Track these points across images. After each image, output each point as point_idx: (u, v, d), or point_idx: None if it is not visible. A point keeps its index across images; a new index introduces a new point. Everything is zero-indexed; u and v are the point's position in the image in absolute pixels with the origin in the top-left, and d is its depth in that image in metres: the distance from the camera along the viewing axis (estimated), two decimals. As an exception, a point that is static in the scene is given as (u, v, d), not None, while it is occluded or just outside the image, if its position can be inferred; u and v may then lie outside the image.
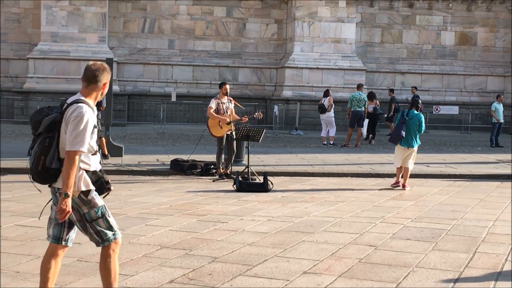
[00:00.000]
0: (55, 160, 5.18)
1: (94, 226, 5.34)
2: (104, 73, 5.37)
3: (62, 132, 5.20)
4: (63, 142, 5.18)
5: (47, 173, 5.21)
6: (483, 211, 11.43)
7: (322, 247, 8.35)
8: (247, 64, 31.57)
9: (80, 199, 5.27)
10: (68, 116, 5.16)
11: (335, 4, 30.29)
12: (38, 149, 5.18)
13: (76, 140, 5.07)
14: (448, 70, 32.85)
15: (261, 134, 14.53)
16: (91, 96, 5.34)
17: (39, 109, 5.36)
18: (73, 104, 5.20)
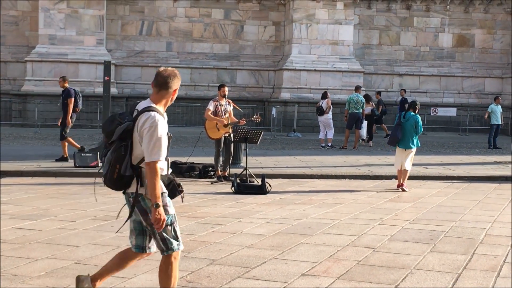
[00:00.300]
0: (129, 168, 5.24)
1: (161, 233, 5.38)
2: (175, 79, 5.45)
3: (135, 140, 5.25)
4: (136, 150, 5.25)
5: (122, 180, 5.27)
6: (481, 213, 11.43)
7: (320, 249, 8.35)
8: (245, 66, 31.58)
9: (151, 203, 5.29)
10: (140, 125, 5.21)
11: (332, 6, 30.32)
12: (113, 157, 5.24)
13: (154, 150, 5.14)
14: (446, 72, 32.88)
15: (259, 136, 14.53)
16: (161, 103, 5.41)
17: (111, 117, 5.42)
18: (144, 112, 5.25)
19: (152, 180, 5.14)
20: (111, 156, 5.25)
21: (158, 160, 5.15)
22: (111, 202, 11.64)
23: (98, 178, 5.62)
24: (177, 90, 5.47)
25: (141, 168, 5.28)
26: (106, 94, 17.66)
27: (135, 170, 5.26)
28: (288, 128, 28.83)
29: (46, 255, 7.68)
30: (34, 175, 14.87)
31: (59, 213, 10.41)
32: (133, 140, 5.25)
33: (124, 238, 8.64)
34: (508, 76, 32.50)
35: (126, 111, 5.57)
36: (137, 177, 5.27)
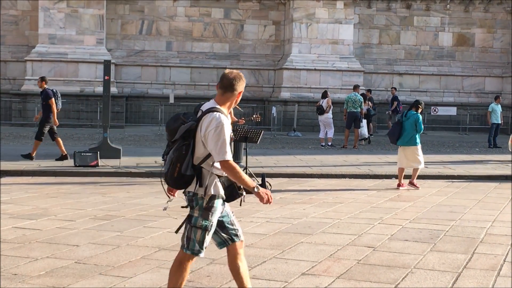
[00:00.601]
0: (190, 167, 5.26)
1: (191, 231, 5.42)
2: (240, 82, 5.49)
3: (198, 140, 5.28)
4: (198, 150, 5.29)
5: (182, 179, 5.30)
6: (482, 212, 11.43)
7: (320, 248, 8.35)
8: (245, 65, 31.55)
9: (201, 204, 5.35)
10: (205, 126, 5.24)
11: (332, 5, 30.30)
12: (174, 156, 5.27)
13: (222, 150, 5.19)
14: (446, 71, 32.87)
15: (259, 136, 14.52)
16: (225, 104, 5.44)
17: (175, 116, 5.44)
18: (209, 113, 5.28)
19: (236, 175, 5.24)
20: (173, 154, 5.30)
21: (227, 159, 5.21)
22: (111, 202, 11.65)
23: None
24: (241, 93, 5.53)
25: (202, 169, 5.32)
26: (106, 94, 17.65)
27: (196, 170, 5.30)
28: (288, 127, 28.82)
29: (46, 255, 7.68)
30: (34, 175, 14.87)
31: (59, 213, 10.41)
32: (195, 140, 5.29)
33: (124, 237, 8.65)
34: (508, 75, 32.49)
35: (189, 111, 5.63)
36: (197, 177, 5.31)
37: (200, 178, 5.31)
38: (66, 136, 24.18)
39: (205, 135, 5.21)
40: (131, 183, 14.35)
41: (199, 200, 5.35)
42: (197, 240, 5.41)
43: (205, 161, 5.29)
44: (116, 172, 15.37)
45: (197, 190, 5.34)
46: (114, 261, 7.50)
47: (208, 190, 5.31)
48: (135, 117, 30.22)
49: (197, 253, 5.46)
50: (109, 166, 15.88)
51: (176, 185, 5.38)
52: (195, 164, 5.29)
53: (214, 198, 5.37)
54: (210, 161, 5.29)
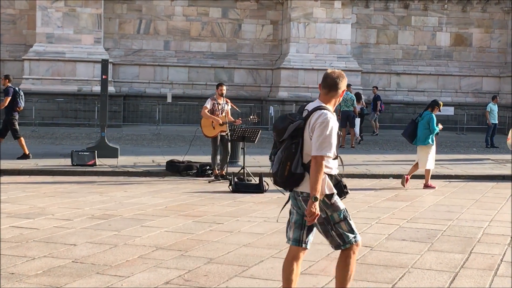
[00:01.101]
0: (300, 166, 5.34)
1: (337, 228, 5.47)
2: (343, 81, 5.53)
3: (306, 138, 5.35)
4: (307, 148, 5.34)
5: (292, 178, 5.37)
6: (479, 212, 11.45)
7: (317, 248, 8.34)
8: (242, 65, 31.56)
9: (324, 203, 5.40)
10: (313, 122, 5.31)
11: (330, 5, 30.31)
12: (284, 155, 5.34)
13: (323, 145, 5.23)
14: (443, 71, 32.89)
15: (257, 135, 14.55)
16: (330, 103, 5.50)
17: (282, 116, 5.52)
18: (316, 111, 5.35)
19: (316, 174, 5.22)
20: (282, 154, 5.36)
21: (325, 155, 5.24)
22: (108, 201, 11.65)
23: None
24: (344, 91, 5.58)
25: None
26: (104, 93, 17.64)
27: (306, 169, 5.34)
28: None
29: (43, 254, 7.68)
30: (31, 174, 14.87)
31: (56, 212, 10.41)
32: (304, 138, 5.36)
33: (121, 237, 8.65)
34: (506, 75, 32.51)
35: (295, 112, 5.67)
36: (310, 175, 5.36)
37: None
38: (64, 135, 24.19)
39: (312, 130, 5.31)
40: (128, 182, 14.35)
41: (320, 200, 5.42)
42: (346, 231, 5.49)
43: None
44: (113, 172, 15.37)
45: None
46: (112, 260, 7.50)
47: (322, 189, 5.38)
48: (132, 117, 30.20)
49: (355, 239, 5.53)
50: (107, 166, 15.88)
51: (286, 185, 5.46)
52: (305, 162, 5.35)
53: (331, 195, 5.44)
54: None
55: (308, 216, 5.26)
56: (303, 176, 5.35)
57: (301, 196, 5.43)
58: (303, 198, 5.41)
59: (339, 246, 5.55)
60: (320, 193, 5.25)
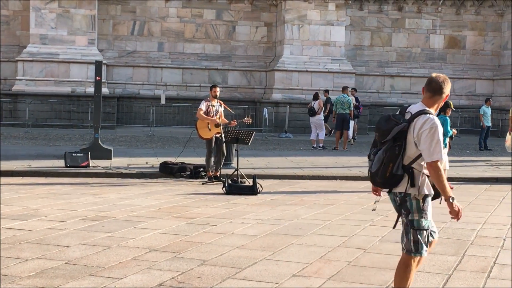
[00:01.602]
0: (400, 167, 5.47)
1: (417, 235, 5.59)
2: (448, 85, 5.62)
3: (410, 140, 5.46)
4: (409, 151, 5.48)
5: (393, 179, 5.52)
6: (472, 214, 11.46)
7: (311, 250, 8.35)
8: (236, 67, 31.55)
9: (417, 205, 5.55)
10: (418, 127, 5.41)
11: (324, 7, 30.33)
12: (386, 156, 5.48)
13: (436, 150, 5.35)
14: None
15: (251, 137, 14.55)
16: (433, 107, 5.60)
17: (385, 117, 5.61)
18: (421, 115, 5.45)
19: (438, 178, 5.37)
20: (383, 154, 5.48)
21: (439, 159, 5.33)
22: (102, 202, 11.63)
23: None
24: (448, 95, 5.67)
25: (413, 169, 5.49)
26: (97, 94, 17.61)
27: (406, 170, 5.46)
28: (280, 129, 28.83)
29: (36, 255, 7.66)
30: (24, 175, 14.82)
31: (49, 213, 10.38)
32: (406, 140, 5.45)
33: (114, 238, 8.64)
34: (499, 78, 32.60)
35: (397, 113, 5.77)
36: (409, 177, 5.49)
37: (412, 178, 5.49)
38: (57, 137, 24.14)
39: (418, 135, 5.38)
40: (122, 183, 14.32)
41: (412, 201, 5.54)
42: (423, 242, 5.60)
43: (416, 161, 5.47)
44: (107, 173, 15.35)
45: (409, 190, 5.52)
46: (105, 262, 7.48)
47: (421, 190, 5.51)
48: (126, 118, 30.16)
49: (424, 253, 5.65)
50: (100, 167, 15.85)
51: (385, 185, 5.61)
52: (405, 164, 5.46)
53: (427, 197, 5.57)
54: (420, 161, 5.46)
55: (455, 216, 5.50)
56: (402, 177, 5.49)
57: (398, 197, 5.59)
58: (400, 199, 5.57)
59: (409, 252, 5.65)
60: (449, 192, 5.42)
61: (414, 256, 5.62)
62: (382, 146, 5.53)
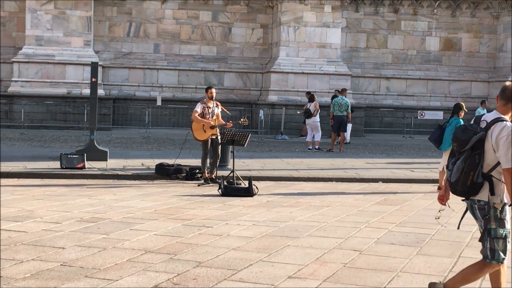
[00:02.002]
0: (480, 175, 5.56)
1: (494, 243, 5.68)
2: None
3: (488, 149, 5.55)
4: (488, 158, 5.57)
5: (473, 187, 5.60)
6: (468, 215, 11.44)
7: (307, 251, 8.35)
8: (232, 68, 31.57)
9: (495, 214, 5.63)
10: (496, 134, 5.51)
11: (320, 9, 30.36)
12: (466, 165, 5.57)
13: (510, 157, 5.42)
14: (433, 75, 33.01)
15: (247, 139, 14.54)
16: (508, 114, 5.72)
17: (463, 127, 5.73)
18: (497, 122, 5.57)
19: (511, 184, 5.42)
20: (463, 164, 5.58)
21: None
22: (97, 204, 11.62)
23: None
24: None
25: (492, 177, 5.57)
26: (93, 96, 17.60)
27: (486, 178, 5.55)
28: (276, 130, 28.83)
29: (31, 257, 7.64)
30: (20, 177, 14.80)
31: (45, 215, 10.37)
32: (484, 149, 5.54)
33: (110, 240, 8.63)
34: (495, 80, 32.66)
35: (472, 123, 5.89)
36: (489, 185, 5.58)
37: (492, 186, 5.58)
38: (53, 138, 24.11)
39: (496, 142, 5.48)
40: (117, 185, 14.31)
41: (491, 209, 5.62)
42: (500, 249, 5.67)
43: (495, 169, 5.55)
44: (102, 174, 15.33)
45: (490, 199, 5.60)
46: (100, 263, 7.47)
47: (502, 198, 5.61)
48: (122, 119, 30.15)
49: (502, 261, 5.73)
50: (96, 168, 15.83)
51: (466, 193, 5.69)
52: (484, 172, 5.55)
53: (505, 205, 5.64)
54: (499, 169, 5.53)
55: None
56: (482, 185, 5.57)
57: (477, 205, 5.69)
58: (479, 207, 5.67)
59: (485, 258, 5.76)
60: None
61: (490, 262, 5.73)
62: (460, 156, 5.63)
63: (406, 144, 26.97)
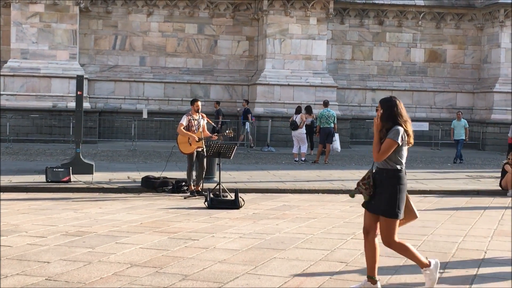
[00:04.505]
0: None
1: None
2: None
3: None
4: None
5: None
6: (453, 227, 11.51)
7: (293, 264, 8.35)
8: (218, 81, 31.59)
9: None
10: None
11: (306, 21, 30.46)
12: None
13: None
14: (418, 86, 33.15)
15: (233, 151, 14.53)
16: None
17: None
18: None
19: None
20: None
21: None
22: (83, 218, 11.57)
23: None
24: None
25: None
26: (79, 109, 17.56)
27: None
28: (262, 142, 28.84)
29: (16, 272, 7.60)
30: (5, 190, 14.71)
31: (30, 229, 10.31)
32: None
33: (96, 254, 8.59)
34: (479, 91, 32.85)
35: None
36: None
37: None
38: (38, 152, 24.02)
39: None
40: (103, 198, 14.26)
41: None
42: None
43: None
44: (88, 188, 15.28)
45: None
46: (86, 277, 7.44)
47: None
48: (108, 133, 30.08)
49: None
50: (82, 182, 15.77)
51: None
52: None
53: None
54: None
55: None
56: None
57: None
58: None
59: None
60: None
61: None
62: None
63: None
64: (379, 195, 6.83)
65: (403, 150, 6.89)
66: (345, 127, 29.78)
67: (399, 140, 6.77)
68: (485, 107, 32.23)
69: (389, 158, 6.79)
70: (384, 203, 6.78)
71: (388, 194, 6.77)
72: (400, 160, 6.85)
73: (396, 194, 6.76)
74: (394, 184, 6.79)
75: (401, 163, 6.86)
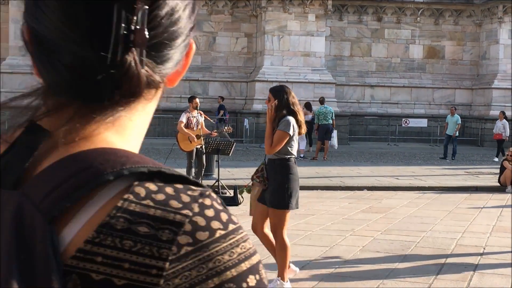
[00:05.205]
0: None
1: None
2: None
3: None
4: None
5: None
6: (452, 223, 11.53)
7: (292, 260, 8.35)
8: (217, 77, 31.59)
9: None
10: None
11: (304, 18, 30.45)
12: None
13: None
14: (416, 83, 33.15)
15: (231, 148, 14.53)
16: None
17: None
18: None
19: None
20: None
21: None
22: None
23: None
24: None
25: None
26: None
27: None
28: (261, 139, 28.82)
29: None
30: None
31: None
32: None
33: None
34: (478, 87, 32.86)
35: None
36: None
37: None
38: (37, 149, 24.00)
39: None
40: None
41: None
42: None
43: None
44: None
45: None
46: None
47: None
48: (107, 130, 30.04)
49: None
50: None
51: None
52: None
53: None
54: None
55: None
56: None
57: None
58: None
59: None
60: None
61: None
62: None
63: (391, 151, 27.05)
64: (270, 187, 6.86)
65: (294, 140, 6.90)
66: (344, 124, 29.79)
67: (291, 131, 6.76)
68: (484, 103, 32.24)
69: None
70: (274, 194, 6.76)
71: (277, 184, 6.73)
72: (290, 151, 6.88)
73: (285, 184, 6.70)
74: (284, 174, 6.79)
75: (291, 153, 6.92)
